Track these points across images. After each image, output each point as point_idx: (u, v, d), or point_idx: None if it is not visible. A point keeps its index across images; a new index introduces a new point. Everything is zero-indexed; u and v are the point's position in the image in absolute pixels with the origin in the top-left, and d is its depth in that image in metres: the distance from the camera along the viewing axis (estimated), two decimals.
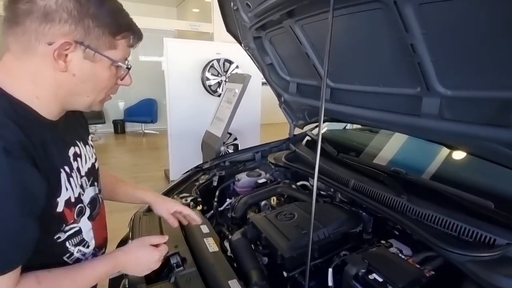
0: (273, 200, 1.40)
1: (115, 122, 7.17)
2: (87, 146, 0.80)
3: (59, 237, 0.68)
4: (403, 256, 0.91)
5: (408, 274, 0.80)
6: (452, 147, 1.14)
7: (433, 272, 0.82)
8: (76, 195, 0.70)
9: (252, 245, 1.08)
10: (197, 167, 1.77)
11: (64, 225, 0.67)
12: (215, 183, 1.63)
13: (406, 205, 1.02)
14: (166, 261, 0.99)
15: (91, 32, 0.59)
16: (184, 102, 3.99)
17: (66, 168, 0.67)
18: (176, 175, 3.45)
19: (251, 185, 1.55)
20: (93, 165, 0.81)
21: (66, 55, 0.59)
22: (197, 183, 1.59)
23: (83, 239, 0.74)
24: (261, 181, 1.57)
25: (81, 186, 0.73)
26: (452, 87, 0.89)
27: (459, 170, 1.23)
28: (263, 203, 1.38)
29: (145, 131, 7.12)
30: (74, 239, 0.71)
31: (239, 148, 3.47)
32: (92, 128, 6.19)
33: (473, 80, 0.83)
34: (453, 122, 0.93)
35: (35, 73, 0.59)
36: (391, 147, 1.53)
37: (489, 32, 0.70)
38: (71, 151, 0.71)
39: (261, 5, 1.19)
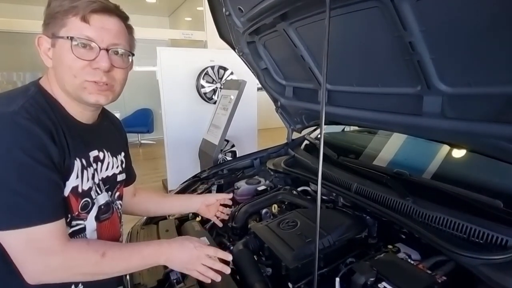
0: (274, 208, 1.36)
1: None
2: (114, 158, 0.88)
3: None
4: (412, 262, 0.88)
5: (419, 281, 0.77)
6: (456, 146, 1.11)
7: (445, 278, 0.79)
8: (85, 188, 0.73)
9: (254, 256, 1.04)
10: (195, 176, 1.73)
11: (69, 216, 0.70)
12: (214, 193, 1.59)
13: (412, 208, 0.99)
14: (166, 277, 0.95)
15: (49, 24, 0.69)
16: (180, 111, 3.95)
17: (83, 160, 0.73)
18: (174, 185, 3.40)
19: (251, 193, 1.51)
20: (114, 175, 0.87)
21: (48, 49, 0.70)
22: (195, 193, 1.56)
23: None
24: (260, 188, 1.53)
25: (98, 186, 0.78)
26: (454, 84, 0.86)
27: (462, 169, 1.21)
28: (264, 211, 1.34)
29: (142, 141, 7.05)
30: (78, 236, 0.73)
31: (237, 155, 3.44)
32: None
33: (474, 76, 0.80)
34: (457, 120, 0.90)
35: (50, 73, 0.73)
36: (390, 147, 1.51)
37: (490, 26, 0.68)
38: (93, 153, 0.78)
39: (254, 9, 1.17)
